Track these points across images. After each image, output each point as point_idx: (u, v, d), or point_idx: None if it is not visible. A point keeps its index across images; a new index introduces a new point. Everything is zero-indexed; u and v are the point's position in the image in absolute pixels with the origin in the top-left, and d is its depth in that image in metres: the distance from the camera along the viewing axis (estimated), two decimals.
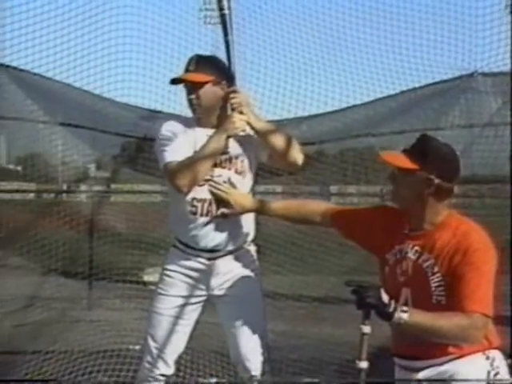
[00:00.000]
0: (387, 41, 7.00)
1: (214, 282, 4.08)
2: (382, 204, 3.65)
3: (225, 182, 4.02)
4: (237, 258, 4.10)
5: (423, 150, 3.32)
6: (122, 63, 6.74)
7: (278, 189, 9.90)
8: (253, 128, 4.02)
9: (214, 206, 4.01)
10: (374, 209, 3.74)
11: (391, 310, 3.12)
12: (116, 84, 6.77)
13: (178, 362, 4.21)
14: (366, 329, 3.16)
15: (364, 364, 3.16)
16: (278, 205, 4.00)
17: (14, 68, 6.77)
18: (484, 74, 7.00)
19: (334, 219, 3.73)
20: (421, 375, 3.31)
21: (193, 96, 4.04)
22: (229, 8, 4.11)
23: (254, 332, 4.07)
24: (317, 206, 3.86)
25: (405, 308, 3.16)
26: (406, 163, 3.31)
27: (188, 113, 4.23)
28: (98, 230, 7.65)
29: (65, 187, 8.32)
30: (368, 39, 7.11)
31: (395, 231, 3.42)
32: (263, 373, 4.09)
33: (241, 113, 3.97)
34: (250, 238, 4.18)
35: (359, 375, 3.15)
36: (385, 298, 3.13)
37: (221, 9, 4.11)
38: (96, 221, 7.75)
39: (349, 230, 3.69)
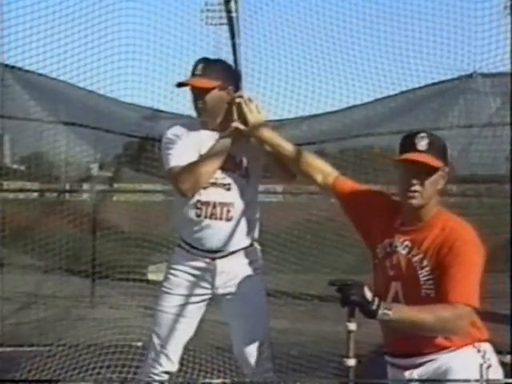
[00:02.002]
0: (387, 42, 7.04)
1: (219, 280, 4.08)
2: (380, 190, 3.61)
3: (229, 185, 4.03)
4: (241, 257, 4.10)
5: (442, 145, 3.37)
6: (125, 64, 6.75)
7: (279, 188, 9.94)
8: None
9: (218, 209, 4.02)
10: (376, 193, 3.67)
11: (375, 307, 3.12)
12: (119, 84, 6.80)
13: (180, 359, 4.22)
14: (352, 326, 3.16)
15: (352, 362, 3.17)
16: (291, 145, 3.90)
17: (19, 69, 6.82)
18: (483, 75, 7.03)
19: (336, 187, 3.70)
20: (415, 373, 3.30)
21: (199, 101, 4.04)
22: (236, 11, 4.10)
23: (258, 330, 4.08)
24: (323, 165, 3.81)
25: (388, 305, 3.15)
26: (434, 162, 3.30)
27: (192, 113, 4.24)
28: (100, 228, 7.70)
29: (68, 186, 8.39)
30: (368, 40, 7.14)
31: (389, 223, 3.41)
32: (266, 370, 4.09)
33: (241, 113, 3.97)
34: (254, 237, 4.17)
35: (348, 373, 3.16)
36: (368, 295, 3.13)
37: (228, 11, 4.10)
38: (99, 220, 7.79)
39: (350, 206, 3.63)
